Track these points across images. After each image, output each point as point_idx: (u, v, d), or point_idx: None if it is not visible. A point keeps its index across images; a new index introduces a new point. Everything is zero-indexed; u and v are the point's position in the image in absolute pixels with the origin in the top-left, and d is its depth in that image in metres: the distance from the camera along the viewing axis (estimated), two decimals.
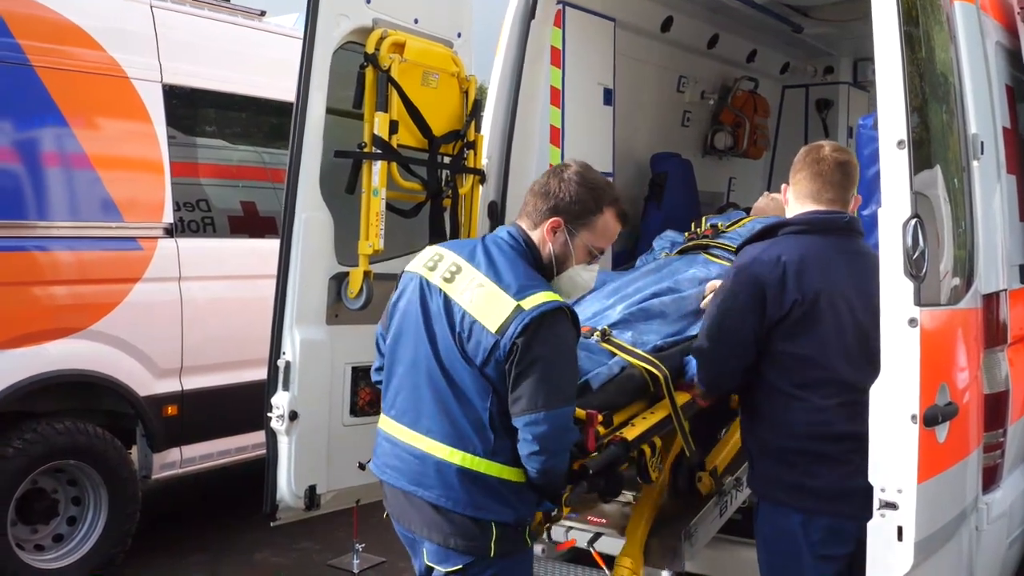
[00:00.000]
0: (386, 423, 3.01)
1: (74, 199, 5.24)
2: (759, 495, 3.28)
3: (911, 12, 2.85)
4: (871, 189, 3.67)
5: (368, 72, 3.91)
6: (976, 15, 3.54)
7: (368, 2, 3.96)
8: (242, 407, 5.37)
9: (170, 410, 5.57)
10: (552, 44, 5.09)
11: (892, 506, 2.66)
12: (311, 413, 3.75)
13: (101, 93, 5.36)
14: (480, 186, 4.44)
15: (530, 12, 4.59)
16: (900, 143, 2.71)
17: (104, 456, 5.27)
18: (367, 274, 3.91)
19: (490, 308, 2.77)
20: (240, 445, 5.95)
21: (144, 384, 5.43)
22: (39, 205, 5.08)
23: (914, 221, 2.67)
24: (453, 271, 2.90)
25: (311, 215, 3.79)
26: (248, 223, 6.20)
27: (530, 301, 2.74)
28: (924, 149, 2.96)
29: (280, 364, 3.72)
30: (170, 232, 5.60)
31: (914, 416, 2.64)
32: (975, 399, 3.13)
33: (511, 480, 2.81)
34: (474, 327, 2.78)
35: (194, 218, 5.80)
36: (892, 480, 2.67)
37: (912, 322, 2.66)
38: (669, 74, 6.65)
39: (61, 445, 5.07)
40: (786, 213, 3.34)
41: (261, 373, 3.83)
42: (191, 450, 5.74)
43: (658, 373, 3.45)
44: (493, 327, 2.74)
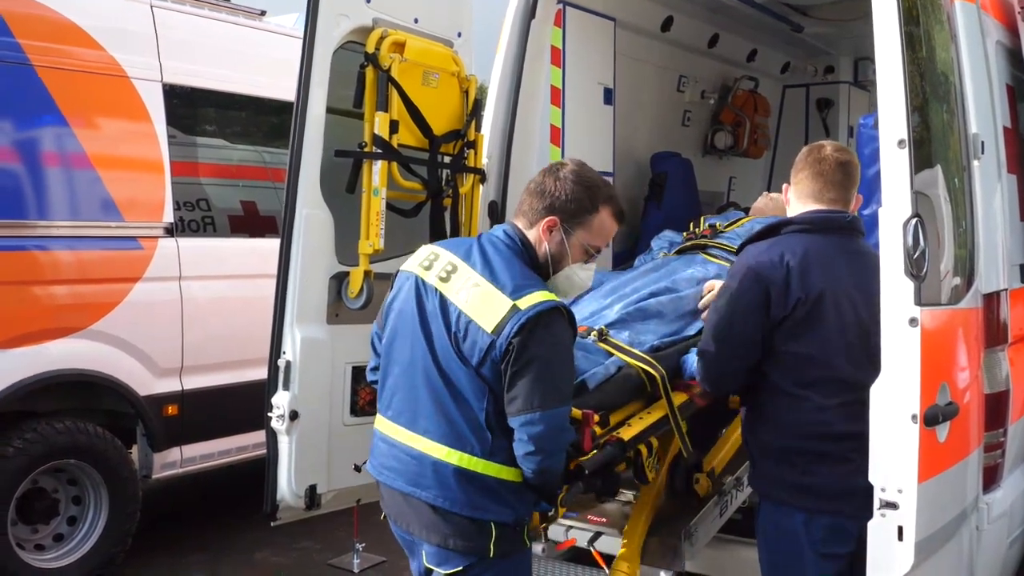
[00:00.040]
0: (382, 424, 2.99)
1: (74, 199, 5.24)
2: (761, 494, 3.27)
3: (912, 11, 2.85)
4: (872, 188, 3.68)
5: (368, 72, 3.91)
6: (977, 14, 3.54)
7: (368, 2, 3.96)
8: (242, 407, 5.37)
9: (170, 410, 5.57)
10: (552, 43, 5.09)
11: (892, 506, 2.65)
12: (311, 412, 3.75)
13: (101, 93, 5.36)
14: (480, 185, 4.44)
15: (530, 12, 4.59)
16: (901, 142, 2.71)
17: (104, 456, 5.27)
18: (367, 273, 3.91)
19: (486, 308, 2.75)
20: (240, 445, 5.95)
21: (144, 384, 5.43)
22: (39, 205, 5.08)
23: (915, 221, 2.67)
24: (449, 270, 2.87)
25: (311, 214, 3.78)
26: (248, 222, 6.20)
27: (526, 301, 2.72)
28: (925, 148, 2.96)
29: (280, 364, 3.72)
30: (170, 231, 5.60)
31: (915, 416, 2.64)
32: (975, 399, 3.13)
33: (509, 480, 2.80)
34: (470, 327, 2.76)
35: (194, 217, 5.80)
36: (892, 480, 2.66)
37: (913, 322, 2.66)
38: (669, 74, 6.65)
39: (61, 445, 5.07)
40: (787, 212, 3.33)
41: (261, 373, 3.83)
42: (191, 450, 5.74)
43: (655, 373, 3.44)
44: (489, 327, 2.72)
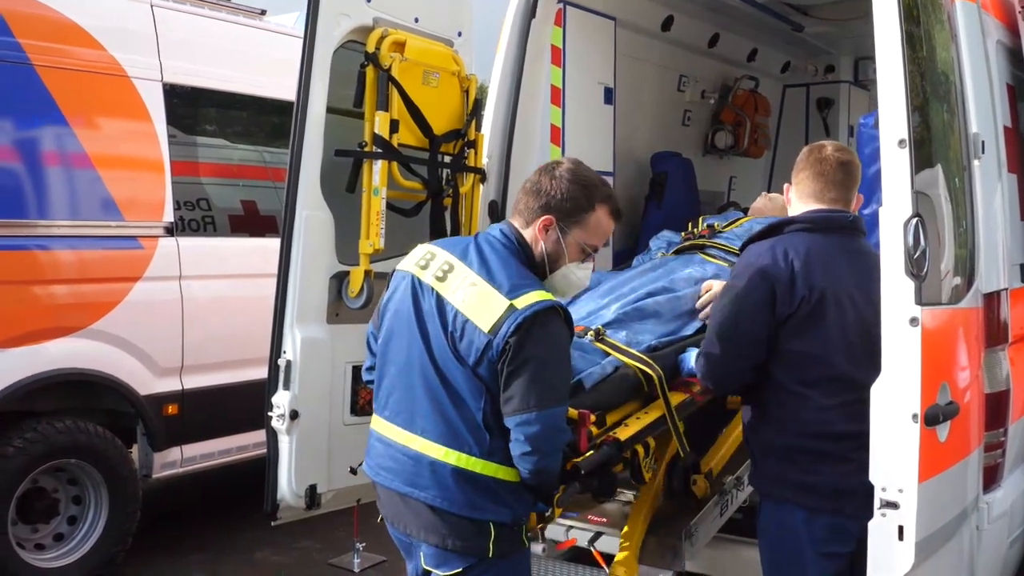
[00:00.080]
0: (379, 424, 2.97)
1: (75, 198, 5.24)
2: (763, 493, 3.27)
3: (912, 11, 2.85)
4: (872, 188, 3.67)
5: (369, 71, 3.91)
6: (977, 14, 3.54)
7: (368, 1, 3.96)
8: (243, 406, 5.35)
9: (171, 409, 5.57)
10: (553, 43, 5.09)
11: (893, 505, 2.65)
12: (312, 412, 3.75)
13: (101, 92, 5.36)
14: (481, 185, 4.44)
15: (531, 11, 4.59)
16: (901, 142, 2.71)
17: (105, 455, 5.27)
18: (368, 273, 3.90)
19: (483, 307, 2.74)
20: (241, 444, 5.94)
21: (145, 383, 5.43)
22: (40, 204, 5.08)
23: (915, 220, 2.67)
24: (446, 270, 2.86)
25: (312, 214, 3.78)
26: (249, 222, 6.20)
27: (523, 300, 2.71)
28: (925, 148, 2.96)
29: (281, 363, 3.72)
30: (170, 231, 5.60)
31: (915, 415, 2.64)
32: (976, 398, 3.13)
33: (507, 480, 2.78)
34: (467, 326, 2.74)
35: (195, 217, 5.80)
36: (893, 479, 2.66)
37: (913, 321, 2.66)
38: (670, 73, 6.65)
39: (62, 444, 5.07)
40: (788, 212, 3.33)
41: (262, 372, 3.83)
42: (192, 449, 5.74)
43: (652, 373, 3.43)
44: (486, 326, 2.71)
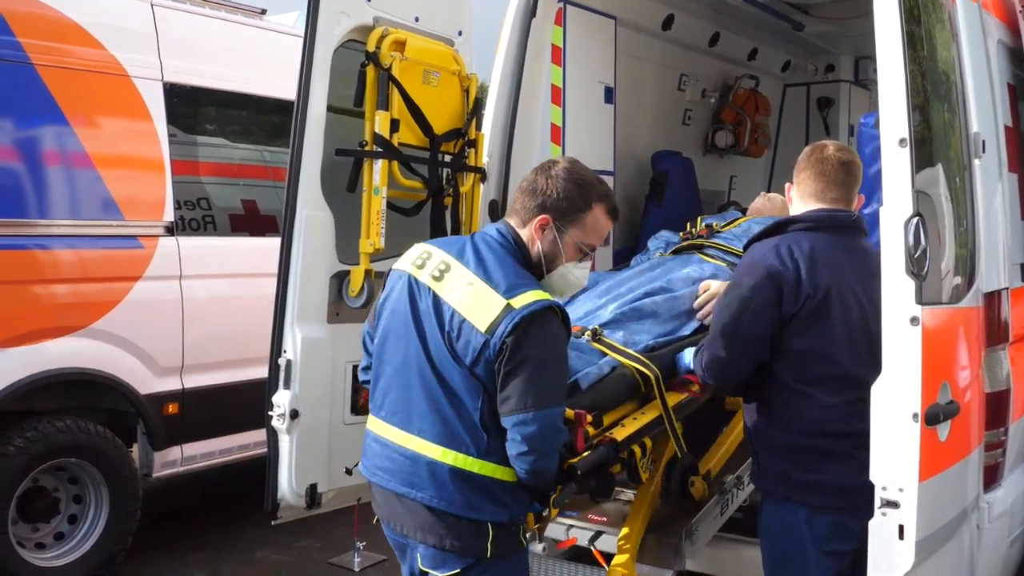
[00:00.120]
0: (375, 424, 2.96)
1: (75, 197, 5.24)
2: (765, 492, 3.27)
3: (913, 10, 2.85)
4: (872, 187, 3.67)
5: (369, 70, 3.91)
6: (978, 13, 3.53)
7: (369, 0, 3.96)
8: (243, 405, 5.36)
9: (171, 408, 5.57)
10: (553, 42, 5.09)
11: (893, 505, 2.65)
12: (312, 411, 3.75)
13: (102, 91, 5.35)
14: (481, 184, 4.44)
15: (531, 10, 4.59)
16: (902, 141, 2.71)
17: (105, 454, 5.27)
18: (368, 272, 3.90)
19: (480, 307, 2.73)
20: (241, 443, 5.95)
21: (145, 382, 5.43)
22: (40, 203, 5.07)
23: (916, 219, 2.67)
24: (442, 269, 2.85)
25: (312, 213, 3.78)
26: (249, 221, 6.20)
27: (520, 300, 2.70)
28: (926, 147, 2.96)
29: (281, 362, 3.73)
30: (171, 230, 5.60)
31: (915, 415, 2.64)
32: (976, 398, 3.13)
33: (504, 480, 2.77)
34: (463, 326, 2.74)
35: (195, 216, 5.80)
36: (893, 479, 2.66)
37: (914, 320, 2.66)
38: (670, 72, 6.64)
39: (62, 443, 5.07)
40: (790, 211, 3.34)
41: (262, 371, 3.83)
42: (192, 448, 5.74)
43: (649, 373, 3.42)
44: (483, 326, 2.70)
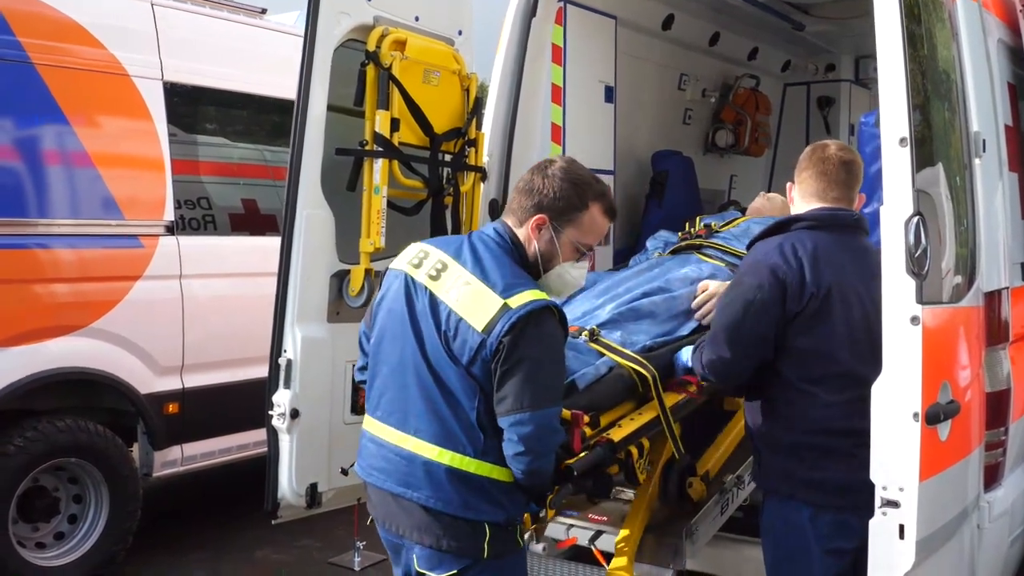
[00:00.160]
0: (371, 424, 2.95)
1: (75, 197, 5.24)
2: (768, 490, 3.26)
3: (913, 9, 2.85)
4: (873, 187, 3.67)
5: (369, 70, 3.91)
6: (978, 12, 3.53)
7: (369, 0, 3.96)
8: (243, 405, 5.36)
9: (171, 408, 5.57)
10: (553, 42, 5.09)
11: (894, 504, 2.65)
12: (312, 411, 3.75)
13: (102, 91, 5.35)
14: (481, 184, 4.44)
15: (531, 10, 4.59)
16: (902, 141, 2.71)
17: (105, 454, 5.27)
18: (368, 272, 3.91)
19: (476, 306, 2.72)
20: (241, 443, 5.95)
21: (145, 382, 5.43)
22: (40, 203, 5.07)
23: (916, 219, 2.67)
24: (439, 268, 2.84)
25: (312, 213, 3.78)
26: (249, 221, 6.20)
27: (517, 299, 2.69)
28: (926, 147, 2.96)
29: (281, 362, 3.73)
30: (171, 230, 5.60)
31: (916, 414, 2.64)
32: (977, 397, 3.13)
33: (501, 480, 2.77)
34: (460, 325, 2.73)
35: (195, 216, 5.80)
36: (894, 478, 2.66)
37: (914, 320, 2.66)
38: (670, 72, 6.64)
39: (62, 443, 5.07)
40: (791, 211, 3.34)
41: (262, 371, 3.83)
42: (192, 448, 5.74)
43: (646, 374, 3.40)
44: (479, 326, 2.69)
